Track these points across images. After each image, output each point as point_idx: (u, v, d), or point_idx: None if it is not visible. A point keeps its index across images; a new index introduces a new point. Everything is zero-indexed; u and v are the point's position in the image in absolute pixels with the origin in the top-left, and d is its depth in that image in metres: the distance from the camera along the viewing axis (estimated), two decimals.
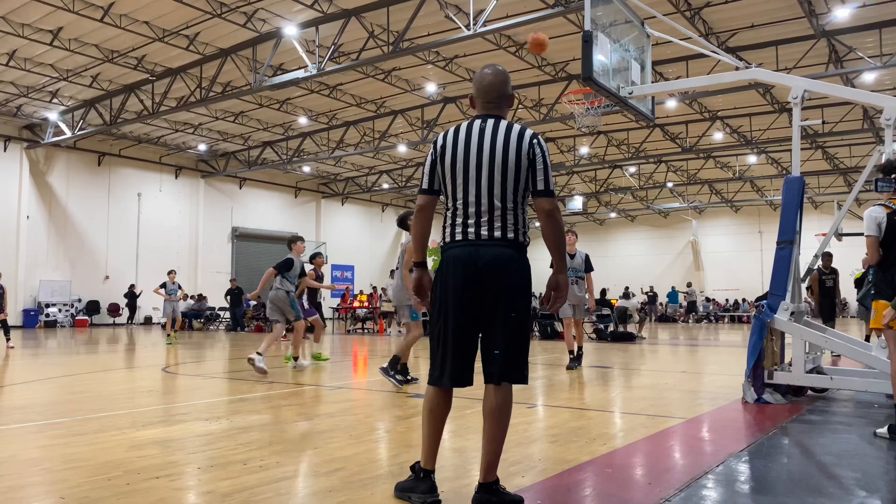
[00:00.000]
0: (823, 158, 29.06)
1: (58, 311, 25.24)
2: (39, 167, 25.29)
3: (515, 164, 3.11)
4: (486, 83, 3.25)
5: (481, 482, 3.08)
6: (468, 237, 3.13)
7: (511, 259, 3.11)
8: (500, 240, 3.11)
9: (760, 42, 17.74)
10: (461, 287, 3.10)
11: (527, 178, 3.14)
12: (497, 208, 3.11)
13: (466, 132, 3.19)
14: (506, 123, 3.18)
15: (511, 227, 3.12)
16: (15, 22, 16.78)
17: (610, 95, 7.44)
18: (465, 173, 3.14)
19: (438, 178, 3.23)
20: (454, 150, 3.17)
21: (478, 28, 14.85)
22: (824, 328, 7.01)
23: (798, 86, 6.86)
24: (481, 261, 3.08)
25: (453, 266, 3.13)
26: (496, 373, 3.09)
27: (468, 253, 3.10)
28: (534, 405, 6.35)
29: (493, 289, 3.08)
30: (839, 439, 4.81)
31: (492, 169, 3.11)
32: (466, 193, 3.14)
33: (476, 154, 3.13)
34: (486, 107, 3.26)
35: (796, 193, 6.67)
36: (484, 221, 3.11)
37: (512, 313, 3.09)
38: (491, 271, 3.08)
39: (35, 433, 5.01)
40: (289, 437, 4.92)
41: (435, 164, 3.23)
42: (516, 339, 3.11)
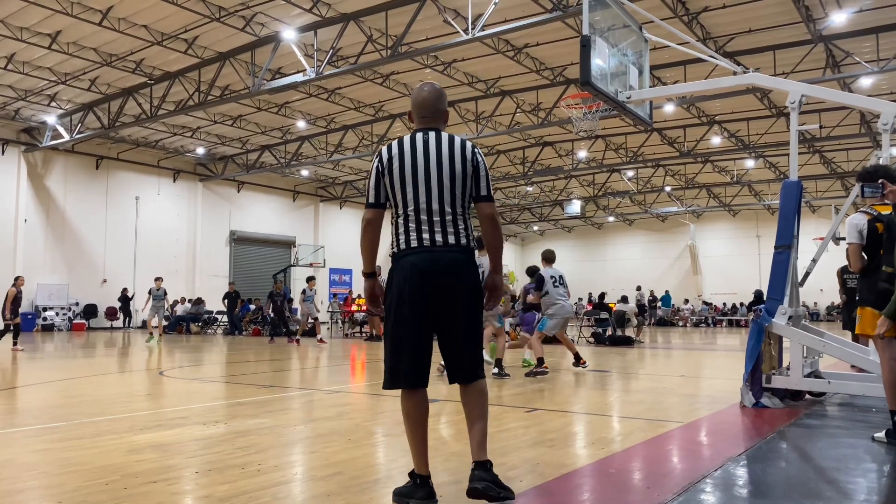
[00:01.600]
0: (821, 163, 29.12)
1: (55, 314, 25.20)
2: (37, 170, 25.27)
3: (462, 172, 3.31)
4: (422, 99, 3.47)
5: (476, 461, 3.27)
6: (423, 244, 3.27)
7: (465, 264, 3.31)
8: (454, 245, 3.29)
9: (758, 47, 17.79)
10: (420, 292, 3.24)
11: (471, 186, 3.35)
12: (448, 214, 3.29)
13: (411, 144, 3.34)
14: (447, 136, 3.38)
15: (462, 232, 3.33)
16: (13, 25, 16.78)
17: (608, 100, 7.46)
18: (415, 182, 3.29)
19: (384, 190, 3.36)
20: (401, 161, 3.31)
21: (476, 32, 14.88)
22: (822, 332, 7.01)
23: (795, 90, 6.88)
24: (439, 266, 3.25)
25: (411, 272, 3.26)
26: (466, 373, 3.32)
27: (426, 259, 3.26)
28: (532, 409, 6.35)
29: (452, 293, 3.26)
30: (837, 443, 4.82)
31: (440, 177, 3.29)
32: (418, 201, 3.29)
33: (424, 164, 3.29)
34: (423, 121, 3.45)
35: (794, 198, 6.68)
36: (437, 228, 3.28)
37: (470, 315, 3.30)
38: (449, 276, 3.26)
39: (32, 437, 5.00)
40: (286, 441, 4.91)
41: (381, 178, 3.36)
42: (475, 339, 3.34)
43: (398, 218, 3.34)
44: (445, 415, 6.05)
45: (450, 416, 6.01)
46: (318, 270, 33.41)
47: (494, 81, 20.82)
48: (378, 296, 3.42)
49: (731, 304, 38.24)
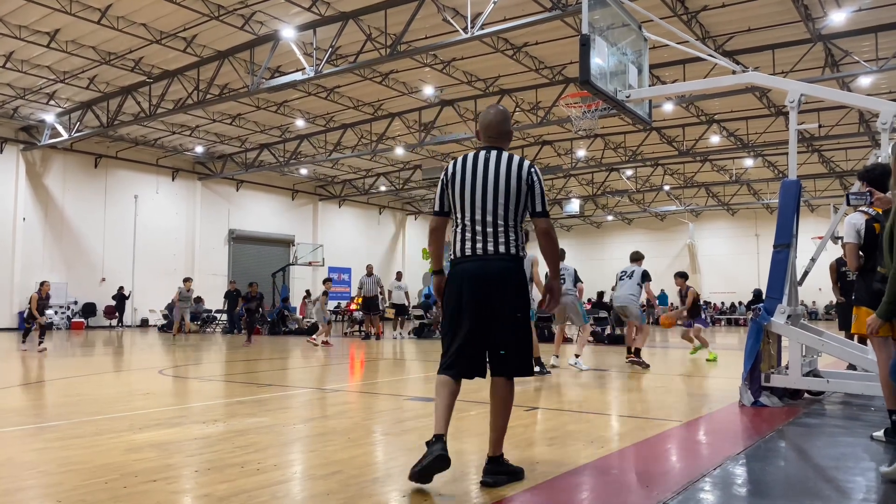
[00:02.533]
0: (820, 162, 29.14)
1: (54, 313, 25.14)
2: (36, 169, 25.24)
3: (516, 189, 3.64)
4: (489, 121, 3.84)
5: (490, 455, 3.62)
6: (476, 252, 3.64)
7: (513, 271, 3.64)
8: (504, 255, 3.62)
9: (757, 46, 17.79)
10: (472, 296, 3.60)
11: (525, 202, 3.68)
12: (500, 226, 3.63)
13: (473, 161, 3.70)
14: (507, 155, 3.72)
15: (512, 243, 3.64)
16: (12, 24, 16.75)
17: (607, 99, 7.46)
18: (472, 197, 3.65)
19: (448, 201, 3.75)
20: (462, 177, 3.69)
21: (475, 31, 14.87)
22: (820, 331, 7.01)
23: (794, 90, 6.88)
24: (489, 273, 3.61)
25: (463, 278, 3.65)
26: (506, 369, 3.63)
27: (478, 266, 3.63)
28: (532, 408, 6.35)
29: (499, 297, 3.59)
30: (836, 442, 4.82)
31: (496, 194, 3.63)
32: (474, 214, 3.65)
33: (482, 180, 3.65)
34: (488, 140, 3.81)
35: (793, 197, 6.68)
36: (490, 239, 3.62)
37: (515, 318, 3.62)
38: (497, 282, 3.60)
39: (31, 436, 4.99)
40: (286, 440, 4.91)
41: (445, 189, 3.76)
42: (522, 339, 3.65)
43: (456, 227, 3.73)
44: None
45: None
46: (316, 269, 33.44)
47: (493, 80, 20.81)
48: (443, 290, 3.80)
49: (729, 303, 38.28)
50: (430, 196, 38.84)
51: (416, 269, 41.13)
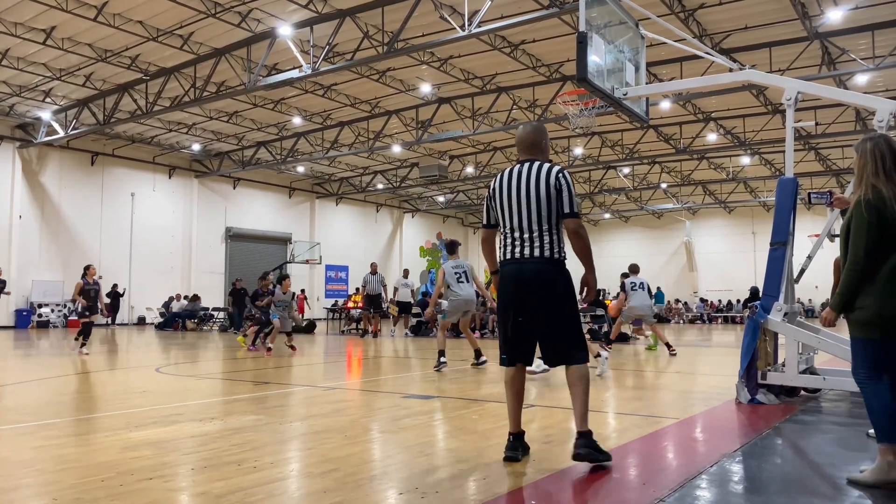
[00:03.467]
0: (816, 160, 29.18)
1: (50, 311, 25.14)
2: (32, 166, 25.17)
3: (546, 195, 4.00)
4: (521, 137, 4.27)
5: (580, 431, 3.96)
6: (515, 256, 4.07)
7: (548, 272, 4.02)
8: (538, 258, 4.01)
9: (754, 44, 17.80)
10: (513, 295, 4.06)
11: (556, 205, 4.01)
12: (535, 232, 4.02)
13: (509, 176, 4.12)
14: (537, 164, 4.10)
15: (547, 246, 4.02)
16: (7, 21, 16.69)
17: (604, 97, 7.45)
18: (510, 207, 4.08)
19: (494, 214, 4.21)
20: (501, 190, 4.11)
21: (472, 29, 14.84)
22: (817, 329, 7.02)
23: (791, 87, 6.87)
24: (525, 275, 4.03)
25: (506, 279, 4.11)
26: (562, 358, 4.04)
27: (516, 269, 4.06)
28: (528, 406, 6.33)
29: (537, 295, 4.01)
30: (832, 440, 4.83)
31: (528, 202, 4.02)
32: (512, 222, 4.08)
33: (516, 191, 4.06)
34: (522, 154, 4.24)
35: (790, 195, 6.69)
36: (527, 244, 4.03)
37: (557, 313, 4.01)
38: (533, 282, 4.01)
39: (28, 434, 4.98)
40: (283, 437, 4.91)
41: (490, 204, 4.22)
42: (565, 330, 4.03)
43: (502, 236, 4.18)
44: (441, 411, 6.05)
45: (450, 411, 6.02)
46: (314, 267, 33.41)
47: (491, 78, 20.80)
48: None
49: (726, 300, 38.34)
50: (428, 194, 38.87)
51: (412, 266, 41.06)
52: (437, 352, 9.61)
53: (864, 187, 3.63)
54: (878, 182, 3.58)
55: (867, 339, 3.62)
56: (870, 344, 3.63)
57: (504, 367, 4.17)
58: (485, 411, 5.95)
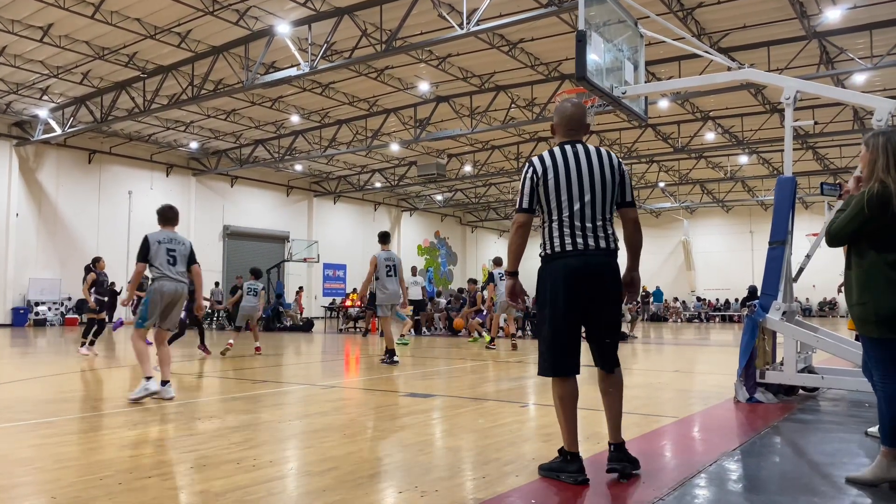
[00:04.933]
0: (814, 159, 29.22)
1: (47, 309, 25.08)
2: (29, 164, 25.10)
3: (612, 181, 3.68)
4: (570, 114, 3.82)
5: (613, 443, 3.70)
6: (577, 247, 3.61)
7: (612, 266, 3.68)
8: (604, 249, 3.64)
9: (752, 43, 17.80)
10: (574, 291, 3.60)
11: (619, 192, 3.72)
12: (598, 220, 3.65)
13: (563, 157, 3.68)
14: (594, 148, 3.74)
15: (611, 237, 3.68)
16: (4, 18, 16.63)
17: (603, 95, 7.44)
18: (569, 191, 3.63)
19: (538, 198, 3.69)
20: (556, 171, 3.65)
21: (471, 27, 14.82)
22: (815, 328, 7.03)
23: (790, 86, 6.88)
24: (591, 268, 3.61)
25: (565, 273, 3.61)
26: (610, 362, 3.72)
27: (580, 262, 3.61)
28: (526, 404, 6.35)
29: (601, 292, 3.64)
30: (831, 438, 4.84)
31: (593, 186, 3.64)
32: (572, 209, 3.62)
33: (577, 174, 3.64)
34: (569, 134, 3.79)
35: (788, 194, 6.69)
36: (590, 234, 3.62)
37: (614, 312, 3.74)
38: (600, 277, 3.63)
39: (26, 432, 4.97)
40: (282, 435, 4.91)
41: (536, 186, 3.68)
42: (618, 332, 3.79)
43: (551, 223, 3.67)
44: (439, 410, 6.05)
45: (447, 410, 6.02)
46: (311, 265, 33.38)
47: (489, 76, 20.78)
48: (519, 293, 3.80)
49: (724, 299, 38.39)
50: (426, 192, 38.82)
51: (410, 265, 41.04)
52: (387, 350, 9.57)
53: (873, 181, 3.61)
54: (887, 178, 3.55)
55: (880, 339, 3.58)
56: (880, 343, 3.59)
57: (554, 379, 3.68)
58: (484, 410, 5.95)
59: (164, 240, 6.77)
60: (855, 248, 3.69)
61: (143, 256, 6.67)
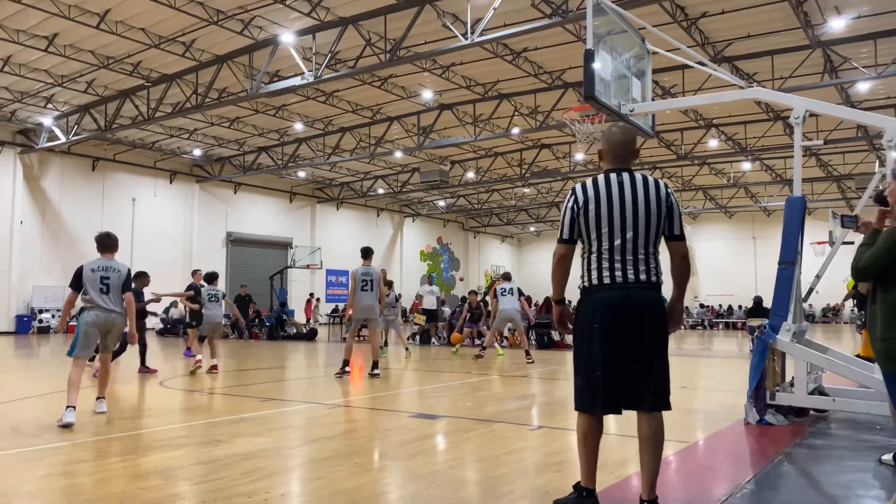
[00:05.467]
0: (817, 166, 29.16)
1: (51, 316, 25.08)
2: (33, 172, 25.13)
3: (657, 213, 3.50)
4: (619, 141, 3.65)
5: (645, 499, 3.43)
6: (616, 280, 3.46)
7: (657, 301, 3.51)
8: (646, 283, 3.48)
9: (756, 52, 17.77)
10: (613, 326, 3.42)
11: (665, 224, 3.55)
12: (641, 253, 3.49)
13: (606, 185, 3.53)
14: (641, 177, 3.56)
15: (653, 270, 3.52)
16: (10, 28, 16.66)
17: (611, 113, 7.43)
18: (611, 223, 3.48)
19: (578, 228, 3.55)
20: (597, 201, 3.50)
21: (475, 37, 14.81)
22: (825, 348, 6.99)
23: (800, 106, 6.85)
24: (632, 303, 3.45)
25: (605, 307, 3.45)
26: (650, 403, 3.45)
27: (620, 296, 3.45)
28: (535, 427, 6.31)
29: (643, 328, 3.44)
30: (845, 467, 4.80)
31: (636, 218, 3.47)
32: (612, 241, 3.48)
33: (620, 205, 3.48)
34: (616, 161, 3.63)
35: (798, 214, 6.66)
36: (630, 266, 3.47)
37: (658, 348, 3.47)
38: (641, 312, 3.45)
39: (35, 460, 4.93)
40: (292, 464, 4.88)
41: (576, 216, 3.54)
42: (664, 372, 3.49)
43: (591, 255, 3.54)
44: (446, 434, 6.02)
45: (451, 436, 5.99)
46: (315, 272, 33.35)
47: (492, 85, 20.77)
48: (567, 320, 3.67)
49: (727, 305, 38.32)
50: (428, 198, 38.80)
51: (413, 270, 41.08)
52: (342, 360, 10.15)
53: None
54: None
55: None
56: None
57: (581, 413, 3.51)
58: (493, 434, 5.91)
59: (98, 268, 6.64)
60: (881, 283, 3.66)
61: (76, 285, 6.60)
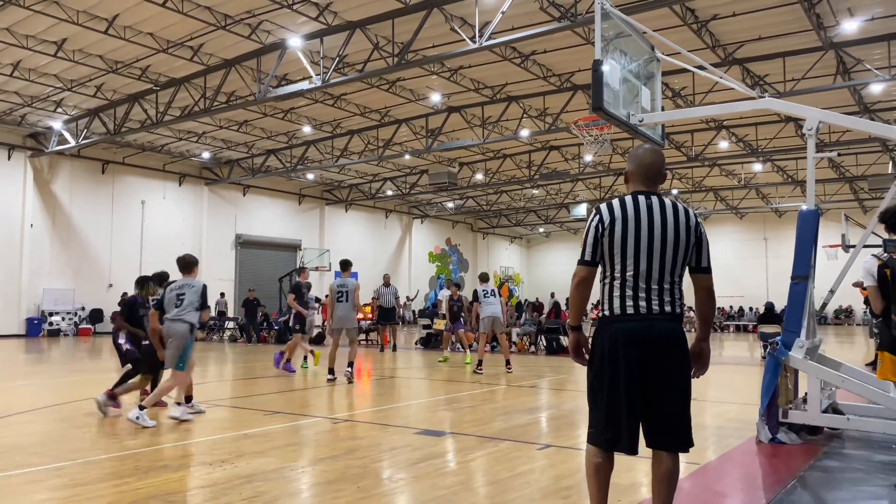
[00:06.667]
0: (829, 166, 28.87)
1: (61, 319, 25.18)
2: (43, 175, 25.23)
3: (686, 242, 3.32)
4: (648, 163, 3.48)
5: None
6: (640, 311, 3.26)
7: (680, 334, 3.31)
8: (669, 314, 3.28)
9: (768, 54, 17.57)
10: (634, 359, 3.23)
11: (692, 255, 3.37)
12: (666, 283, 3.30)
13: (634, 208, 3.33)
14: (670, 203, 3.38)
15: (678, 301, 3.33)
16: (19, 33, 16.71)
17: (620, 124, 7.31)
18: (637, 248, 3.28)
19: (601, 250, 3.36)
20: (624, 225, 3.31)
21: (483, 41, 14.70)
22: (839, 364, 6.86)
23: (813, 117, 6.72)
24: (655, 335, 3.24)
25: (626, 339, 3.25)
26: (674, 442, 3.28)
27: (643, 327, 3.25)
28: (544, 446, 6.22)
29: (665, 362, 3.24)
30: (860, 493, 4.67)
31: (665, 246, 3.28)
32: (638, 268, 3.28)
33: (647, 231, 3.28)
34: (645, 184, 3.46)
35: (811, 227, 6.52)
36: (654, 296, 3.27)
37: (680, 384, 3.28)
38: (664, 346, 3.25)
39: (36, 482, 4.88)
40: (294, 488, 4.80)
41: (600, 238, 3.35)
42: (685, 410, 3.29)
43: (612, 280, 3.34)
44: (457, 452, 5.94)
45: (461, 454, 5.91)
46: (323, 274, 33.34)
47: (501, 87, 20.67)
48: (583, 348, 3.45)
49: (737, 307, 38.04)
50: (437, 200, 38.72)
51: (421, 272, 41.04)
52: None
53: None
54: None
55: None
56: None
57: (593, 447, 3.32)
58: (499, 453, 5.82)
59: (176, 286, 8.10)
60: None
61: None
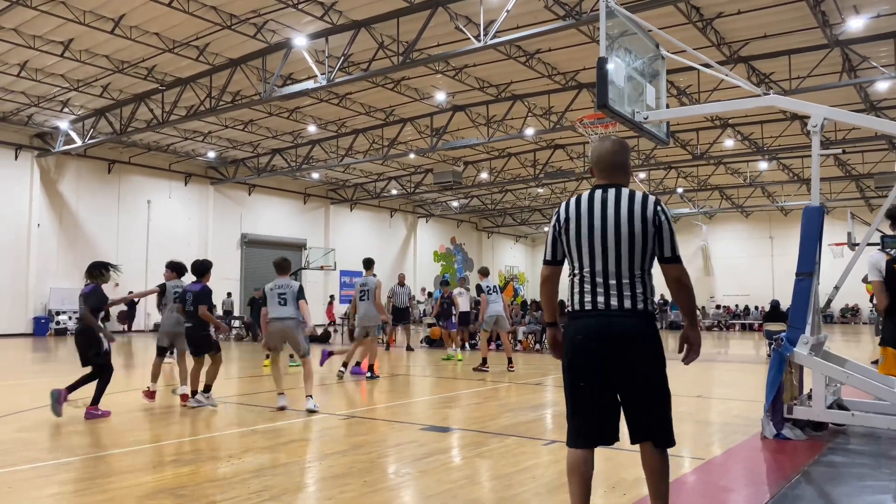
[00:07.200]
0: (835, 164, 28.78)
1: (68, 318, 25.28)
2: (50, 175, 25.36)
3: (641, 233, 3.20)
4: (598, 155, 3.44)
5: None
6: (598, 307, 3.21)
7: (641, 330, 3.20)
8: (629, 311, 3.18)
9: (773, 51, 17.55)
10: (592, 357, 3.19)
11: (653, 246, 3.24)
12: (625, 278, 3.20)
13: (588, 203, 3.29)
14: (627, 192, 3.28)
15: (640, 296, 3.21)
16: (26, 34, 16.80)
17: (625, 121, 7.33)
18: (591, 244, 3.23)
19: (562, 249, 3.35)
20: (578, 221, 3.27)
21: (488, 40, 14.73)
22: (843, 360, 6.86)
23: (818, 114, 6.72)
24: (613, 332, 3.17)
25: (585, 335, 3.22)
26: (646, 437, 3.23)
27: (600, 324, 3.19)
28: (549, 442, 6.24)
29: (627, 359, 3.17)
30: (864, 488, 4.69)
31: (618, 239, 3.20)
32: (593, 263, 3.23)
33: (601, 225, 3.22)
34: (602, 176, 3.39)
35: (816, 224, 6.53)
36: (613, 292, 3.19)
37: (650, 378, 3.21)
38: (626, 342, 3.17)
39: (45, 477, 4.94)
40: (301, 482, 4.85)
41: (558, 237, 3.35)
42: (658, 406, 3.24)
43: (574, 277, 3.32)
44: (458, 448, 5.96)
45: (471, 448, 5.94)
46: (328, 273, 33.43)
47: (506, 86, 20.68)
48: (560, 343, 3.41)
49: (743, 305, 37.97)
50: (442, 199, 38.74)
51: (426, 271, 41.07)
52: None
53: None
54: None
55: None
56: None
57: (569, 449, 3.27)
58: (505, 449, 5.85)
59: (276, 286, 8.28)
60: None
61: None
